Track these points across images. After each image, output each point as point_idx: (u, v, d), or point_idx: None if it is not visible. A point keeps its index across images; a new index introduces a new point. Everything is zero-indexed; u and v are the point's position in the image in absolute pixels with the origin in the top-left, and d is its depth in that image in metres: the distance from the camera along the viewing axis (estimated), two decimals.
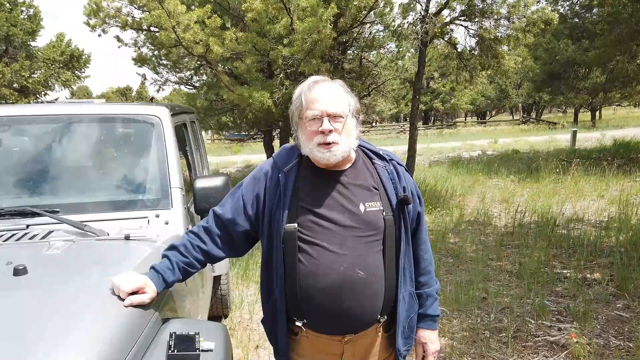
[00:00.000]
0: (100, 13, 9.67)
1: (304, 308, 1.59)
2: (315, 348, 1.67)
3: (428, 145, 21.54)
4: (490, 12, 9.06)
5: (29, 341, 1.23)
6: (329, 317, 1.58)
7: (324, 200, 1.58)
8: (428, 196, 8.94)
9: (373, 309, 1.60)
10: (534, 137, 23.67)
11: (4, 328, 1.30)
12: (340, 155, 1.54)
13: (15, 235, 2.07)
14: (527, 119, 40.78)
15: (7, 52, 15.26)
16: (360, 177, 1.63)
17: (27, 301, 1.46)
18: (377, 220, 1.59)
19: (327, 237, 1.55)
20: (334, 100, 1.53)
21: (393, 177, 1.65)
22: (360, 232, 1.57)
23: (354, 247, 1.56)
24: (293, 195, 1.59)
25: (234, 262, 5.32)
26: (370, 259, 1.57)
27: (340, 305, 1.55)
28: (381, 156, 1.69)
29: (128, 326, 1.43)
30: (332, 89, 1.57)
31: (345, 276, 1.53)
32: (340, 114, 1.53)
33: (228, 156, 22.25)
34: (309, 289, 1.56)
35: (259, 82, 8.89)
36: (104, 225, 2.18)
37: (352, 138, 1.59)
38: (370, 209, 1.59)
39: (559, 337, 3.57)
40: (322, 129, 1.50)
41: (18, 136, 2.55)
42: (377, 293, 1.59)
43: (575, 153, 14.89)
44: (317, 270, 1.54)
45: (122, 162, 2.57)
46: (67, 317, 1.36)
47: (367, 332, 1.65)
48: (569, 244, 5.77)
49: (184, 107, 3.68)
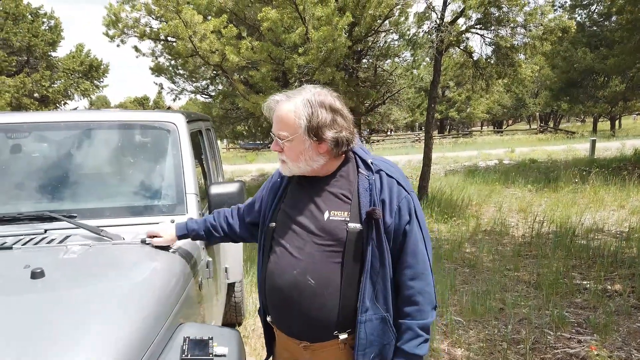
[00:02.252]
0: (119, 24, 9.85)
1: (269, 304, 1.69)
2: (284, 347, 1.73)
3: (443, 154, 21.39)
4: (506, 20, 9.00)
5: (45, 343, 1.24)
6: (284, 317, 1.64)
7: (297, 204, 1.64)
8: (443, 205, 8.86)
9: (324, 321, 1.54)
10: (552, 146, 23.36)
11: (20, 330, 1.31)
12: (288, 172, 1.63)
13: (33, 239, 2.10)
14: (545, 128, 40.31)
15: (29, 62, 15.61)
16: (337, 185, 1.59)
17: (44, 304, 1.47)
18: (338, 230, 1.53)
19: (290, 240, 1.60)
20: (280, 124, 1.57)
21: (372, 189, 1.54)
22: (319, 239, 1.55)
23: (311, 254, 1.55)
24: (281, 197, 1.71)
25: (248, 270, 5.33)
26: (324, 269, 1.53)
27: (291, 308, 1.58)
28: (369, 166, 1.59)
29: (142, 330, 1.43)
30: (281, 112, 1.55)
31: (296, 280, 1.55)
32: (282, 137, 1.56)
33: (243, 165, 22.37)
34: (270, 287, 1.65)
35: (274, 91, 8.90)
36: (120, 230, 2.19)
37: (304, 159, 1.56)
38: (334, 218, 1.54)
39: (578, 350, 3.49)
40: (271, 148, 1.66)
41: (37, 142, 2.59)
42: (328, 306, 1.53)
43: (594, 162, 14.64)
44: (275, 269, 1.62)
45: (138, 168, 2.59)
46: (82, 320, 1.37)
47: (326, 346, 1.59)
48: (588, 254, 5.65)
49: (199, 115, 3.70)
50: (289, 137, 1.55)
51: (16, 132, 2.53)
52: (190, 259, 2.12)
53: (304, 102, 1.53)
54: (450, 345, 3.69)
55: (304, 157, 1.55)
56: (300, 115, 1.52)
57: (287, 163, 1.60)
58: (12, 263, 1.86)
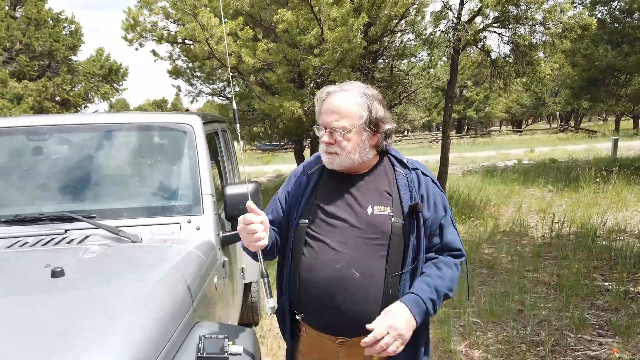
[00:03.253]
0: (137, 27, 10.00)
1: (302, 301, 1.63)
2: (314, 347, 1.69)
3: (461, 154, 21.19)
4: (525, 18, 8.88)
5: (64, 340, 1.26)
6: (321, 313, 1.60)
7: (335, 200, 1.62)
8: (461, 206, 8.78)
9: (367, 314, 1.54)
10: (573, 145, 22.97)
11: (40, 327, 1.34)
12: (337, 165, 1.60)
13: (54, 239, 2.15)
14: (565, 127, 39.65)
15: (50, 66, 15.93)
16: (376, 181, 1.65)
17: (64, 302, 1.50)
18: (382, 224, 1.57)
19: (331, 234, 1.58)
20: (337, 115, 1.55)
21: (411, 185, 1.63)
22: (364, 233, 1.57)
23: (355, 247, 1.56)
24: (311, 195, 1.66)
25: None
26: (369, 262, 1.55)
27: (332, 302, 1.56)
28: (404, 164, 1.68)
29: (160, 329, 1.46)
30: (340, 102, 1.56)
31: (340, 274, 1.54)
32: (340, 129, 1.54)
33: (259, 166, 22.47)
34: (307, 283, 1.60)
35: (289, 92, 8.97)
36: (138, 230, 2.23)
37: (358, 151, 1.58)
38: (378, 212, 1.58)
39: (600, 352, 3.42)
40: (321, 141, 1.59)
41: (57, 144, 2.65)
42: (372, 298, 1.55)
43: (616, 162, 14.34)
44: (315, 264, 1.58)
45: (155, 169, 2.63)
46: (102, 318, 1.39)
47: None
48: (610, 255, 5.54)
49: (215, 116, 3.74)
50: (348, 128, 1.55)
51: (37, 134, 2.59)
52: (207, 259, 2.14)
53: (361, 94, 1.58)
54: (468, 346, 3.65)
55: (359, 149, 1.58)
56: (362, 106, 1.56)
57: (339, 155, 1.57)
58: (33, 262, 1.90)
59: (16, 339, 1.28)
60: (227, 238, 2.49)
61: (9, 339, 1.27)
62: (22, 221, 2.27)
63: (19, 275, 1.82)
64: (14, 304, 1.52)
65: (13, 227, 2.25)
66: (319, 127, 1.61)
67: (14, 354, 1.22)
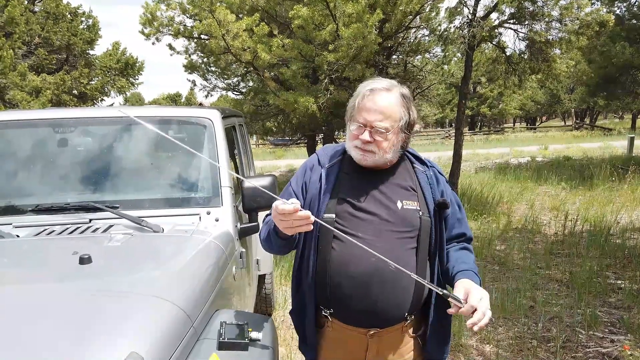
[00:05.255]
0: (154, 22, 10.11)
1: (333, 296, 1.63)
2: (340, 340, 1.69)
3: (474, 151, 21.05)
4: (541, 14, 8.81)
5: (90, 326, 1.32)
6: (356, 307, 1.60)
7: (362, 195, 1.64)
8: (473, 202, 8.77)
9: (401, 305, 1.61)
10: (588, 143, 22.71)
11: (71, 313, 1.40)
12: (371, 162, 1.62)
13: (79, 228, 2.23)
14: (580, 124, 39.15)
15: (68, 60, 16.13)
16: (400, 177, 1.69)
17: (92, 289, 1.57)
18: (413, 218, 1.62)
19: (362, 228, 1.59)
20: (381, 115, 1.57)
21: (432, 182, 1.69)
22: (395, 227, 1.60)
23: (388, 241, 1.59)
24: (334, 189, 1.65)
25: (278, 263, 5.42)
26: (401, 255, 1.59)
27: (368, 296, 1.58)
28: (422, 161, 1.74)
29: (183, 315, 1.52)
30: (385, 102, 1.57)
31: (377, 267, 1.56)
32: (383, 129, 1.56)
33: (272, 160, 22.56)
34: (339, 277, 1.60)
35: (304, 88, 9.02)
36: (159, 221, 2.30)
37: (392, 151, 1.61)
38: (408, 207, 1.63)
39: (611, 349, 3.44)
40: (361, 139, 1.58)
41: (82, 137, 2.73)
42: (405, 289, 1.60)
43: (632, 160, 14.16)
44: (349, 259, 1.59)
45: (175, 162, 2.70)
46: (129, 305, 1.45)
47: (393, 330, 1.66)
48: (623, 254, 5.52)
49: (233, 111, 3.80)
50: (390, 129, 1.58)
51: (62, 126, 2.67)
52: (226, 249, 2.21)
53: (401, 94, 1.62)
54: (479, 341, 3.69)
55: (395, 149, 1.63)
56: (403, 108, 1.61)
57: (374, 154, 1.59)
58: (61, 249, 1.98)
59: (52, 323, 1.33)
60: (245, 229, 2.55)
61: (43, 324, 1.32)
62: (49, 210, 2.35)
63: (49, 261, 1.91)
64: (45, 289, 1.60)
65: (40, 216, 2.33)
66: (355, 123, 1.59)
67: (48, 338, 1.26)
